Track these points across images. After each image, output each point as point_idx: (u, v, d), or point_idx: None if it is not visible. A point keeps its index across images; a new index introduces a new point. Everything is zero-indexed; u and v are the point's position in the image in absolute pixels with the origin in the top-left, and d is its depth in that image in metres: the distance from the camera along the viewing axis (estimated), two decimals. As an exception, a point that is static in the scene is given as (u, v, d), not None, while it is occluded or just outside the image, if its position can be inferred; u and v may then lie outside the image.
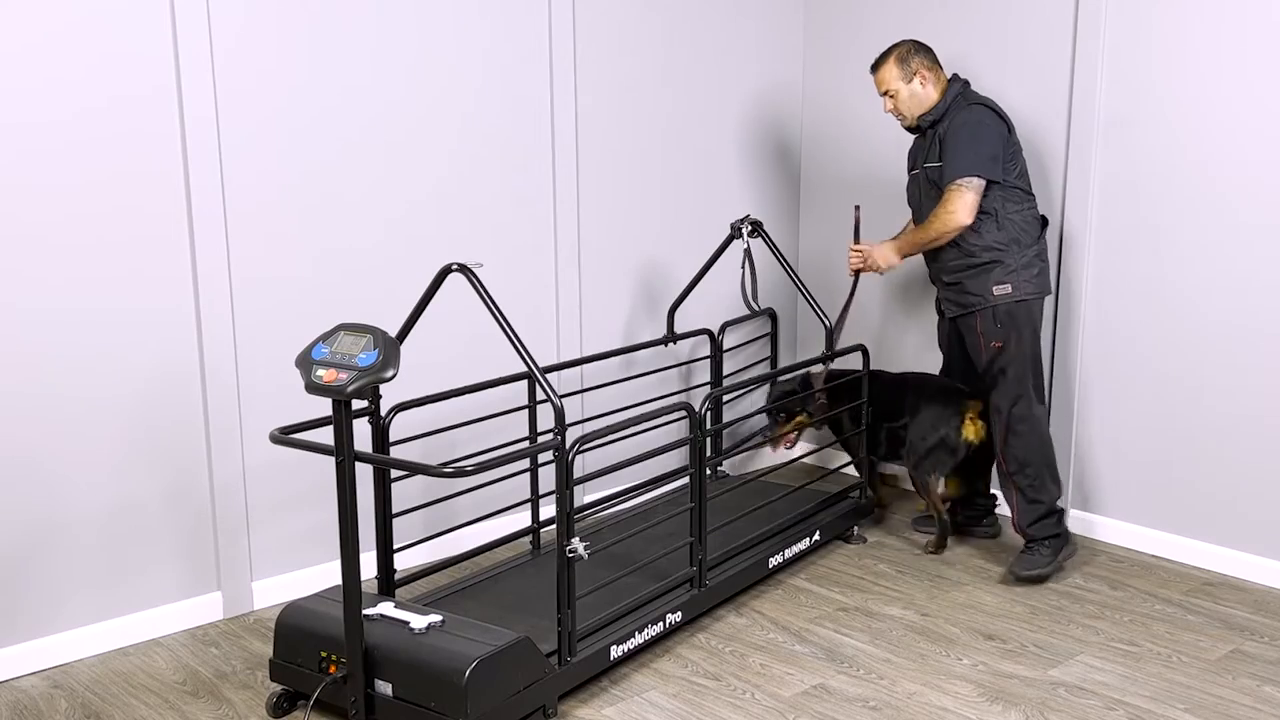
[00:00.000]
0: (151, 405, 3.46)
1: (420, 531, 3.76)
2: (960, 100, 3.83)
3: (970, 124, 3.76)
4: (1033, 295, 3.85)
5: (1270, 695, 3.17)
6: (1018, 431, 3.86)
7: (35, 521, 3.30)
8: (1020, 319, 3.84)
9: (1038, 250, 3.86)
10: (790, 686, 3.24)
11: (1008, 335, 3.83)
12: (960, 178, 3.73)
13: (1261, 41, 3.71)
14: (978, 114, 3.78)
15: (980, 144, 3.73)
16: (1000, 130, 3.77)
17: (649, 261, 4.63)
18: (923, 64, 3.86)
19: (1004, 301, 3.81)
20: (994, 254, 3.80)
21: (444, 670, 2.79)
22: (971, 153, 3.73)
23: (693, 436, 3.48)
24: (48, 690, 3.24)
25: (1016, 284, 3.81)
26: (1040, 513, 3.89)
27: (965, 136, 3.75)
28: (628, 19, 4.39)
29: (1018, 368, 3.84)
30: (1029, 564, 3.89)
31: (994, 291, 3.82)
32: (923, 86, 3.86)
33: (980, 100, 3.83)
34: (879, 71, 3.92)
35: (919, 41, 3.92)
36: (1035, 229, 3.86)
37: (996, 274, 3.81)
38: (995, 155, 3.74)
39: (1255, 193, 3.77)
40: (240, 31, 3.47)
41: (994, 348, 3.86)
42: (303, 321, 3.62)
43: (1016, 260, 3.80)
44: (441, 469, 2.80)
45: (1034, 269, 3.84)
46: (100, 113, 3.26)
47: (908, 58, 3.86)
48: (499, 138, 4.10)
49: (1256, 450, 3.86)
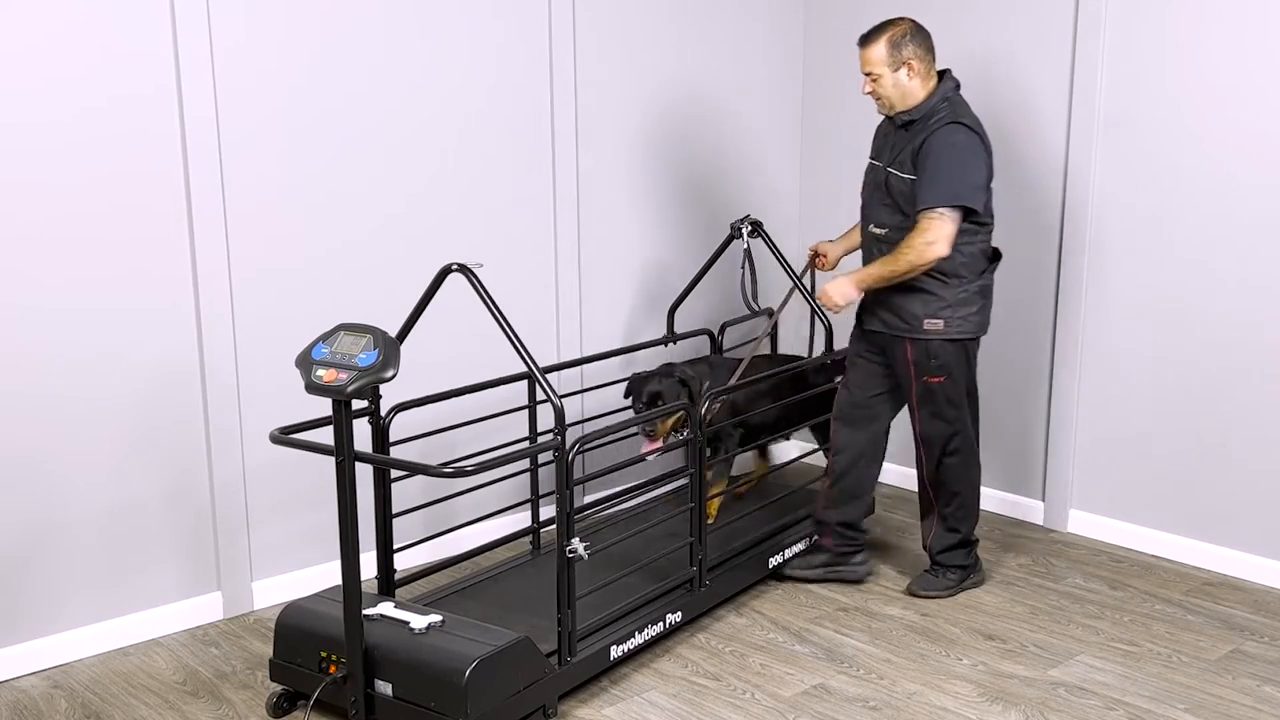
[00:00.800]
0: (152, 405, 3.46)
1: (420, 531, 3.75)
2: (947, 110, 3.52)
3: (959, 146, 3.47)
4: (966, 336, 3.60)
5: (1270, 695, 3.17)
6: (950, 465, 3.70)
7: (35, 521, 3.30)
8: (953, 357, 3.61)
9: (979, 287, 3.60)
10: (790, 686, 3.24)
11: (945, 372, 3.60)
12: (942, 205, 3.43)
13: (1262, 41, 3.71)
14: (965, 137, 3.48)
15: (969, 170, 3.47)
16: (988, 159, 3.53)
17: (649, 261, 4.62)
18: (915, 53, 3.51)
19: (934, 337, 3.58)
20: (932, 283, 3.54)
21: (444, 670, 2.79)
22: (958, 179, 3.45)
23: (693, 436, 3.49)
24: (48, 690, 3.24)
25: (950, 321, 3.56)
26: (953, 542, 3.79)
27: (954, 160, 3.46)
28: (628, 19, 4.39)
29: (954, 405, 3.65)
30: (929, 584, 3.81)
31: (924, 325, 3.57)
32: (909, 78, 3.52)
33: (965, 120, 3.51)
34: (867, 49, 3.55)
35: (918, 25, 3.56)
36: (981, 263, 3.60)
37: (931, 306, 3.55)
38: (980, 185, 3.50)
39: (1255, 193, 3.77)
40: (240, 32, 3.47)
41: (930, 383, 3.62)
42: (303, 321, 3.61)
43: (953, 295, 3.55)
44: (441, 469, 2.80)
45: (971, 306, 3.58)
46: (100, 112, 3.26)
47: (901, 43, 3.50)
48: (499, 137, 4.10)
49: (1256, 450, 3.86)
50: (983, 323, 3.66)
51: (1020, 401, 4.45)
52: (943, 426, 3.67)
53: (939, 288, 3.54)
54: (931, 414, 3.67)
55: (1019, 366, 4.44)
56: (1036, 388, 4.39)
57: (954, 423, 3.67)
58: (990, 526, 4.43)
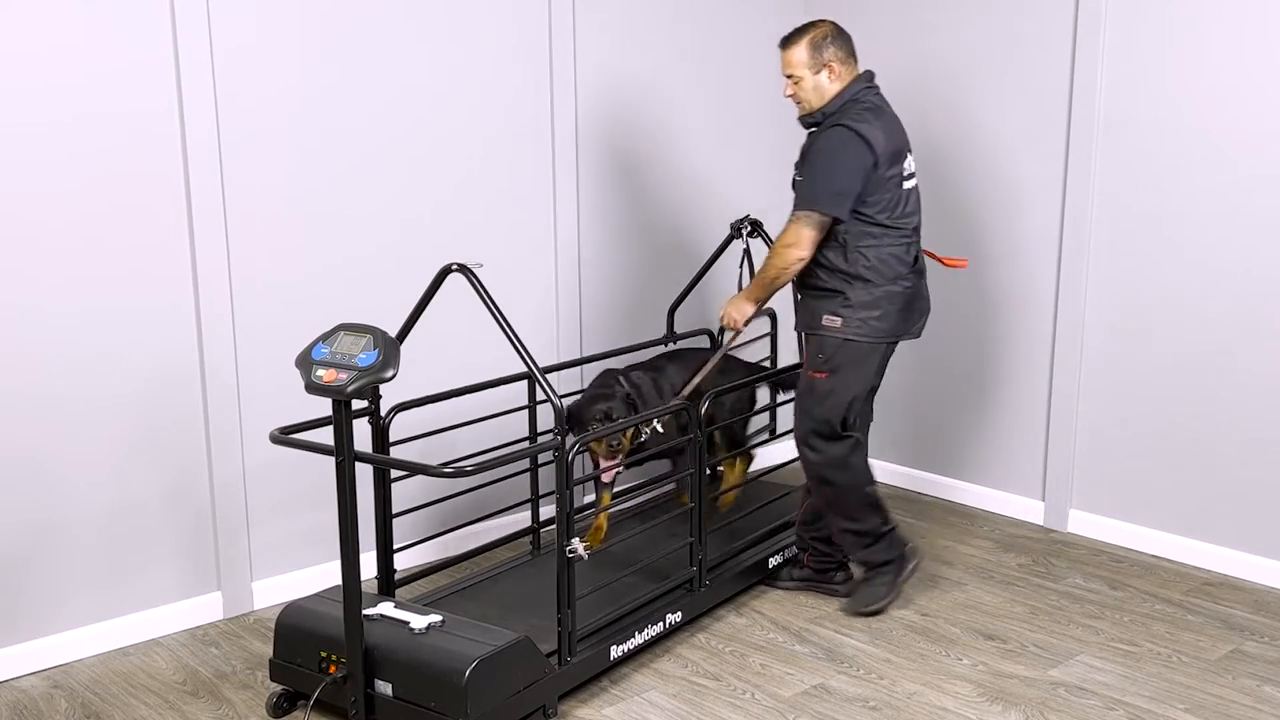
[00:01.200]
0: (152, 405, 3.46)
1: (420, 531, 3.76)
2: (838, 111, 3.43)
3: (829, 150, 3.38)
4: (865, 338, 3.48)
5: (1270, 695, 3.17)
6: (813, 462, 3.59)
7: (36, 521, 3.30)
8: (847, 359, 3.49)
9: (887, 293, 3.47)
10: (790, 686, 3.24)
11: (833, 370, 3.50)
12: (804, 208, 3.40)
13: (1262, 40, 3.71)
14: (840, 139, 3.37)
15: (833, 175, 3.37)
16: (863, 161, 3.36)
17: (649, 261, 4.62)
18: (836, 55, 3.43)
19: (830, 334, 3.50)
20: (837, 283, 3.47)
21: (444, 670, 2.79)
22: (821, 183, 3.38)
23: (693, 436, 3.49)
24: (48, 690, 3.24)
25: (849, 321, 3.46)
26: (864, 541, 3.64)
27: (821, 163, 3.39)
28: (628, 18, 4.39)
29: (834, 403, 3.52)
30: (867, 598, 3.66)
31: (822, 320, 3.50)
32: (830, 80, 3.44)
33: (850, 122, 3.38)
34: (788, 51, 3.48)
35: (839, 27, 3.50)
36: (894, 268, 3.47)
37: (833, 304, 3.48)
38: (844, 191, 3.36)
39: (1256, 192, 3.77)
40: (240, 34, 3.47)
41: (812, 377, 3.55)
42: (303, 321, 3.61)
43: (857, 297, 3.45)
44: (441, 469, 2.80)
45: (876, 310, 3.46)
46: (101, 114, 3.26)
47: (821, 45, 3.43)
48: (499, 138, 4.10)
49: (1257, 450, 3.86)
50: (886, 329, 3.50)
51: (1020, 402, 4.45)
52: (815, 424, 3.55)
53: (844, 286, 3.47)
54: (808, 409, 3.57)
55: (1019, 366, 4.44)
56: (1037, 388, 4.40)
57: (827, 422, 3.54)
58: (990, 526, 4.44)
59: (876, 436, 4.79)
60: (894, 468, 4.93)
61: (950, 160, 4.54)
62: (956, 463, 4.71)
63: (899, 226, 3.48)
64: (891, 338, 3.55)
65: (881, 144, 3.40)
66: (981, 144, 4.44)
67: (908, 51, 4.61)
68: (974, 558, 4.14)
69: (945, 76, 4.50)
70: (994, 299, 4.49)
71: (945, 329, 4.66)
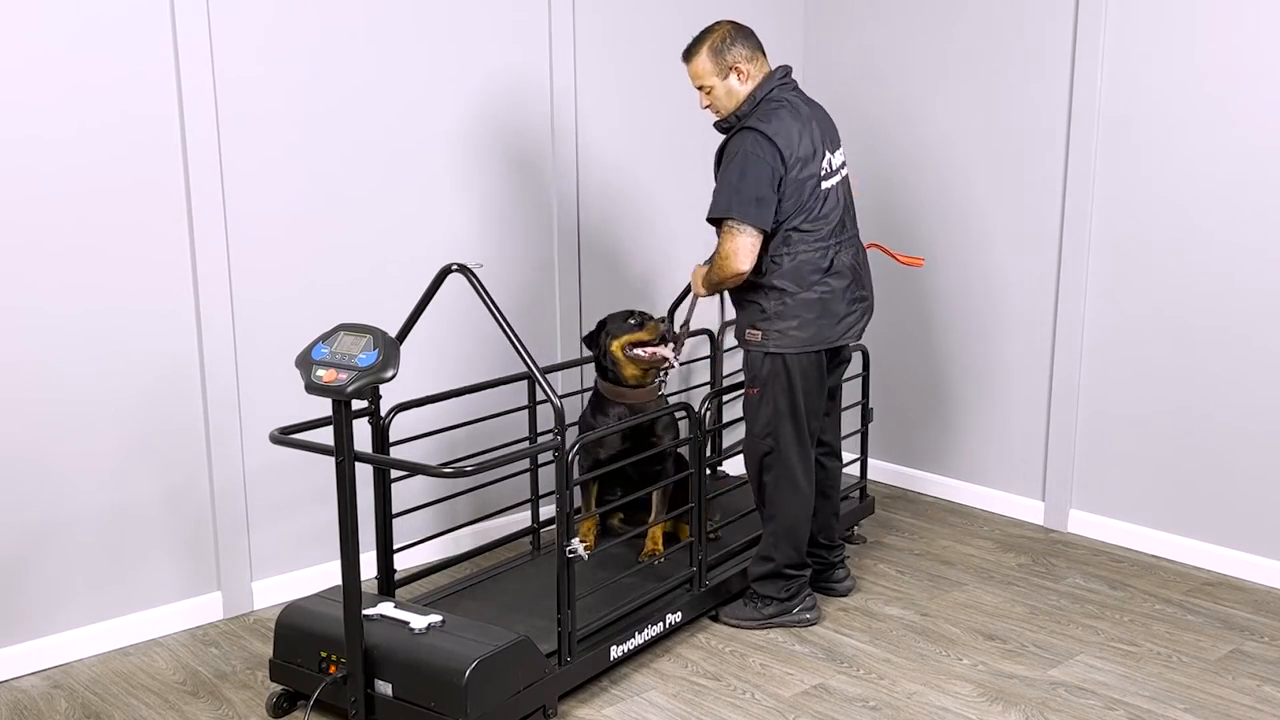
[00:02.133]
0: (152, 405, 3.46)
1: (420, 531, 3.76)
2: (749, 113, 3.33)
3: (742, 154, 3.26)
4: (787, 350, 3.35)
5: (1270, 695, 3.17)
6: (767, 485, 3.48)
7: (36, 521, 3.30)
8: (772, 371, 3.38)
9: (804, 300, 3.34)
10: (790, 686, 3.24)
11: (763, 384, 3.41)
12: (726, 217, 3.27)
13: (1262, 40, 3.71)
14: (751, 142, 3.26)
15: (746, 183, 3.24)
16: (773, 166, 3.25)
17: (649, 261, 4.62)
18: (741, 55, 3.32)
19: (753, 348, 3.41)
20: (755, 294, 3.38)
21: (444, 670, 2.79)
22: (736, 192, 3.25)
23: (693, 436, 3.49)
24: (48, 690, 3.24)
25: (767, 333, 3.36)
26: (766, 571, 3.53)
27: (733, 170, 3.27)
28: (626, 18, 4.39)
29: (767, 420, 3.41)
30: (736, 613, 3.59)
31: (745, 335, 3.42)
32: (740, 82, 3.33)
33: (758, 124, 3.28)
34: (691, 63, 3.37)
35: (737, 25, 3.38)
36: (807, 276, 3.34)
37: (753, 316, 3.39)
38: (761, 198, 3.25)
39: (1256, 192, 3.77)
40: (239, 34, 3.47)
41: (748, 394, 3.46)
42: (303, 322, 3.61)
43: (772, 307, 3.34)
44: (441, 469, 2.80)
45: (790, 320, 3.34)
46: (103, 118, 3.26)
47: (722, 49, 3.31)
48: (499, 138, 4.10)
49: (1257, 450, 3.86)
50: (808, 338, 3.36)
51: (1020, 402, 4.45)
52: (753, 442, 3.47)
53: (760, 298, 3.38)
54: (748, 427, 3.50)
55: (1019, 366, 4.44)
56: (1037, 388, 4.40)
57: (764, 440, 3.44)
58: (990, 526, 4.44)
59: (877, 437, 4.82)
60: (894, 468, 4.93)
61: (950, 160, 4.54)
62: (956, 463, 4.72)
63: (813, 230, 3.34)
64: (814, 347, 3.38)
65: (793, 144, 3.29)
66: (981, 144, 4.44)
67: (909, 51, 4.61)
68: (974, 558, 4.15)
69: (946, 76, 4.51)
70: (994, 299, 4.49)
71: (945, 329, 4.67)
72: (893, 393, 4.85)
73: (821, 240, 3.36)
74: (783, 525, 3.49)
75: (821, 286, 3.36)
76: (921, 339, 4.75)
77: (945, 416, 4.73)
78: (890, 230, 4.59)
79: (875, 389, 4.59)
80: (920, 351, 4.76)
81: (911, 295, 4.74)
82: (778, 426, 3.42)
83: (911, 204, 4.67)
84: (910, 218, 4.68)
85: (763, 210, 3.26)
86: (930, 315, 4.70)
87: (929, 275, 4.65)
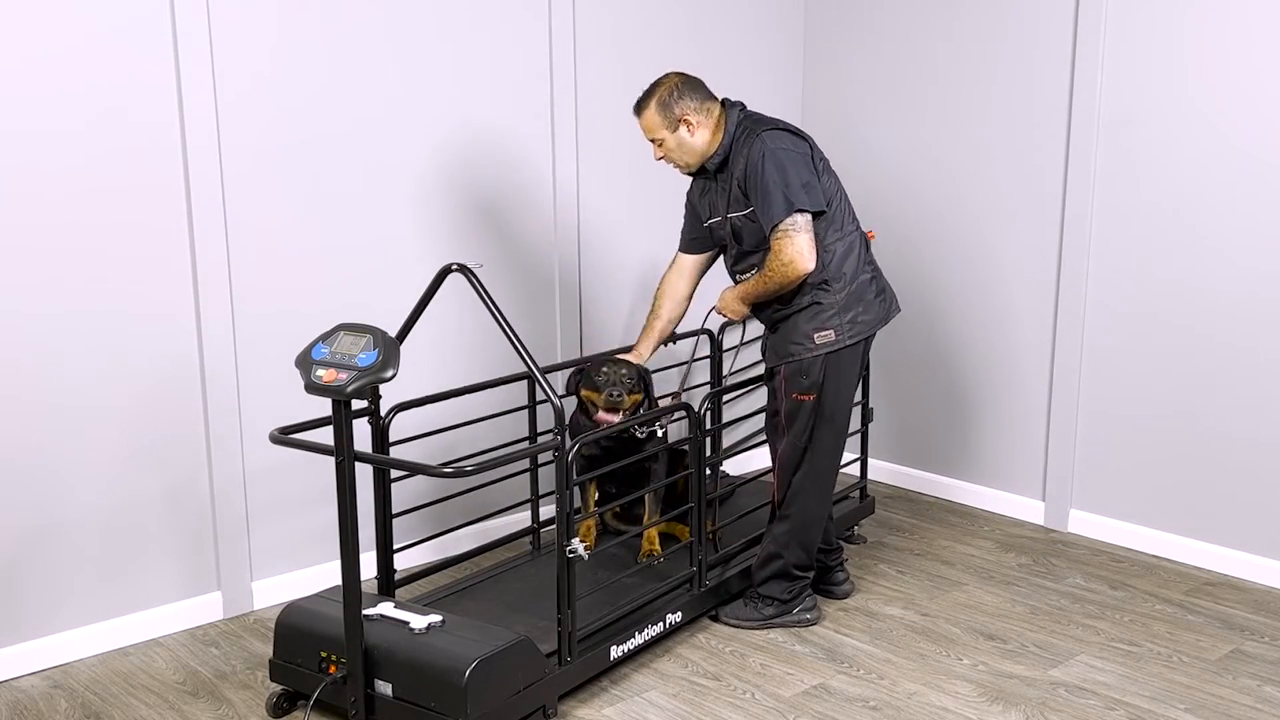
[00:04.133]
0: (152, 405, 3.46)
1: (420, 531, 3.76)
2: (748, 129, 3.34)
3: (770, 154, 3.26)
4: (859, 339, 3.38)
5: (1270, 695, 3.17)
6: (796, 486, 3.47)
7: (36, 522, 3.30)
8: (844, 367, 3.38)
9: (860, 284, 3.38)
10: (790, 686, 3.24)
11: (822, 387, 3.37)
12: (781, 221, 3.24)
13: (1262, 40, 3.71)
14: (774, 140, 3.28)
15: (789, 174, 3.24)
16: (803, 150, 3.32)
17: (649, 261, 4.62)
18: (689, 107, 3.34)
19: (825, 350, 3.35)
20: (810, 294, 3.33)
21: (444, 670, 2.79)
22: (783, 188, 3.24)
23: (693, 436, 3.48)
24: (48, 690, 3.24)
25: (839, 327, 3.34)
26: (773, 571, 3.52)
27: (770, 171, 3.25)
28: (626, 19, 4.39)
29: (812, 422, 3.40)
30: (737, 613, 3.58)
31: (816, 340, 3.34)
32: (690, 134, 3.35)
33: (770, 124, 3.35)
34: (641, 117, 3.41)
35: (685, 77, 3.40)
36: (856, 258, 3.38)
37: (819, 319, 3.34)
38: (807, 182, 3.26)
39: (1256, 191, 3.77)
40: (240, 34, 3.47)
41: (797, 399, 3.40)
42: (302, 322, 3.62)
43: (839, 298, 3.34)
44: (441, 469, 2.80)
45: (859, 305, 3.37)
46: (104, 120, 3.26)
47: (669, 103, 3.34)
48: (499, 138, 4.10)
49: (1256, 450, 3.86)
50: (872, 320, 3.42)
51: (1020, 402, 4.46)
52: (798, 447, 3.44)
53: (821, 295, 3.34)
54: (796, 429, 3.43)
55: (1019, 366, 4.44)
56: (1037, 388, 4.40)
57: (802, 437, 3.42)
58: (990, 526, 4.44)
59: (877, 436, 4.82)
60: (894, 468, 4.93)
61: (950, 160, 4.54)
62: (956, 463, 4.72)
63: (840, 214, 3.39)
64: (880, 326, 3.47)
65: (800, 130, 3.38)
66: (982, 144, 4.44)
67: (910, 49, 4.61)
68: (974, 558, 4.15)
69: (946, 76, 4.51)
70: (994, 299, 4.49)
71: (945, 328, 4.67)
72: (893, 393, 4.85)
73: (851, 224, 3.44)
74: (798, 525, 3.49)
75: (865, 272, 3.43)
76: (922, 339, 4.75)
77: (945, 416, 4.73)
78: (891, 231, 4.59)
79: (875, 389, 4.59)
80: (920, 352, 4.76)
81: (912, 296, 4.74)
82: (818, 427, 3.43)
83: (912, 206, 4.67)
84: (910, 219, 4.68)
85: (813, 194, 3.29)
86: (930, 316, 4.70)
87: (929, 276, 4.65)
